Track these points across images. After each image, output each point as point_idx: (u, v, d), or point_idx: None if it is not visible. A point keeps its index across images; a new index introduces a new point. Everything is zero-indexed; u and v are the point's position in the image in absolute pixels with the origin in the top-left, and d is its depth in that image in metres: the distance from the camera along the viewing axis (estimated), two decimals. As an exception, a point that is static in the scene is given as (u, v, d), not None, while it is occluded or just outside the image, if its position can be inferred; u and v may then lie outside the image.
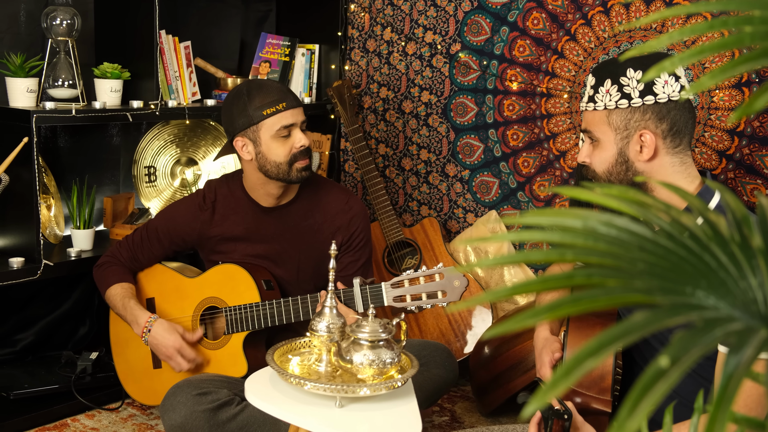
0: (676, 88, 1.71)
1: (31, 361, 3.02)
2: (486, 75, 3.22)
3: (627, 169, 1.74)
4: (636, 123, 1.71)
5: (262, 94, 2.31)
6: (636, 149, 1.72)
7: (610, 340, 0.63)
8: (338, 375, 1.84)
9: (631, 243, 0.74)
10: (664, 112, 1.70)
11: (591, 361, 0.62)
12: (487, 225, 3.28)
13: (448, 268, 2.14)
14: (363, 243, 2.50)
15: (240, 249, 2.46)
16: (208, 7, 3.45)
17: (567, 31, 3.01)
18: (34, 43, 2.91)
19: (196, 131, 3.38)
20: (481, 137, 3.28)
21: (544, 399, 0.60)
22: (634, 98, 1.70)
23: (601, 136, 1.76)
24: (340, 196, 2.50)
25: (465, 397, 3.07)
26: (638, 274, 0.71)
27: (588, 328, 1.80)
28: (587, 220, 0.75)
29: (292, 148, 2.32)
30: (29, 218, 2.60)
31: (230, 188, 2.51)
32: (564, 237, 0.74)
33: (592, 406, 1.72)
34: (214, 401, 2.13)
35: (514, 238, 0.75)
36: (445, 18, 3.30)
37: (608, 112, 1.73)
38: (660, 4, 2.78)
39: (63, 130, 3.09)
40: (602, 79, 1.75)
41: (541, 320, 0.65)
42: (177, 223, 2.52)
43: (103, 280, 2.53)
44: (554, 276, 0.69)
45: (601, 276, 0.70)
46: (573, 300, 0.66)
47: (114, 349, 2.66)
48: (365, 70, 3.54)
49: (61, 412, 2.72)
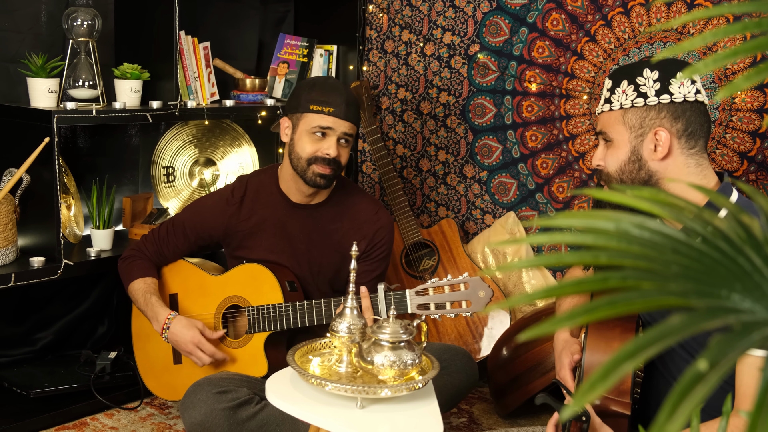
0: (692, 90, 1.71)
1: (50, 360, 3.03)
2: (505, 76, 3.21)
3: (640, 168, 1.74)
4: (651, 121, 1.72)
5: (322, 92, 2.32)
6: (650, 148, 1.72)
7: (648, 343, 0.63)
8: (359, 376, 1.84)
9: (664, 245, 0.74)
10: (679, 111, 1.70)
11: (628, 364, 0.62)
12: (506, 226, 3.27)
13: (474, 278, 2.14)
14: (383, 256, 2.50)
15: (264, 244, 2.46)
16: (226, 7, 3.46)
17: (587, 32, 3.00)
18: (55, 43, 2.93)
19: (214, 132, 3.39)
20: (500, 138, 3.27)
21: (581, 402, 0.60)
22: (650, 96, 1.71)
23: (615, 136, 1.76)
24: (370, 206, 2.51)
25: (483, 398, 3.06)
26: (673, 277, 0.70)
27: (608, 330, 1.79)
28: (620, 223, 0.75)
29: (318, 151, 2.32)
30: (50, 218, 2.62)
31: (262, 181, 2.52)
32: (597, 239, 0.74)
33: (611, 408, 1.71)
34: (234, 400, 2.14)
35: (547, 240, 0.75)
36: (463, 19, 3.29)
37: (624, 111, 1.74)
38: (681, 5, 2.77)
39: (82, 130, 3.10)
40: (618, 80, 1.76)
41: (577, 323, 0.65)
42: (204, 218, 2.53)
43: (127, 274, 2.54)
44: (589, 279, 0.69)
45: (635, 279, 0.70)
46: (609, 303, 0.65)
47: (135, 344, 2.67)
48: (383, 71, 3.54)
49: (80, 411, 2.73)
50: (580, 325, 0.65)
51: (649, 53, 2.85)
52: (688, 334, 0.64)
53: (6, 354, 2.95)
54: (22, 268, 2.57)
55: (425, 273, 3.30)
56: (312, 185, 2.38)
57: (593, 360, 1.75)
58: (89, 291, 3.18)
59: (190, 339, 2.37)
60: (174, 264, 2.58)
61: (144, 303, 2.46)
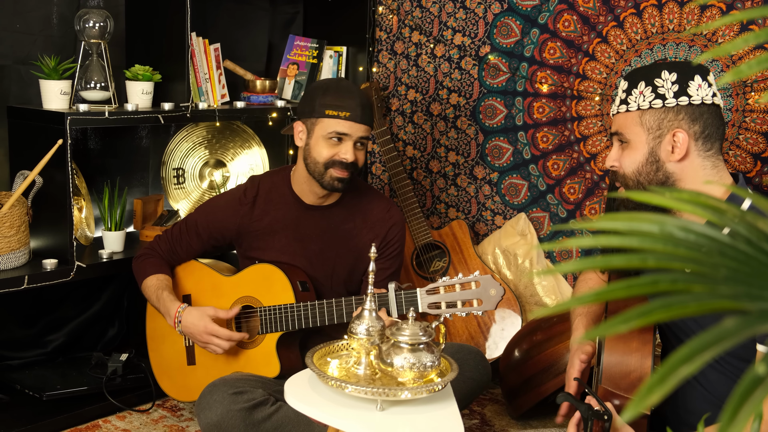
0: (709, 92, 1.71)
1: (61, 362, 3.03)
2: (516, 77, 3.21)
3: (657, 170, 1.75)
4: (669, 123, 1.72)
5: (336, 96, 2.32)
6: (668, 149, 1.73)
7: (704, 347, 0.62)
8: (377, 378, 1.83)
9: (711, 248, 0.73)
10: (697, 114, 1.71)
11: (685, 368, 0.61)
12: (516, 228, 3.26)
13: (485, 276, 2.13)
14: (396, 253, 2.50)
15: (278, 246, 2.46)
16: (235, 8, 3.45)
17: (598, 33, 3.00)
18: (67, 45, 2.93)
19: (224, 133, 3.38)
20: (510, 139, 3.26)
21: (638, 408, 0.60)
22: (668, 98, 1.71)
23: (632, 137, 1.76)
24: (382, 204, 2.51)
25: (494, 400, 3.05)
26: (722, 280, 0.70)
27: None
28: (664, 225, 0.75)
29: (335, 155, 2.31)
30: (62, 220, 2.61)
31: (274, 183, 2.52)
32: (643, 242, 0.73)
33: None
34: (250, 400, 2.14)
35: (592, 243, 0.74)
36: (474, 20, 3.29)
37: (641, 112, 1.74)
38: (694, 7, 2.76)
39: (93, 132, 3.10)
40: (636, 82, 1.76)
41: (632, 326, 0.65)
42: (217, 217, 2.53)
43: (140, 272, 2.55)
44: (639, 281, 0.69)
45: (685, 282, 0.69)
46: (664, 306, 0.65)
47: (150, 345, 2.67)
48: (393, 72, 3.53)
49: (92, 413, 2.72)
50: (635, 327, 0.65)
51: (662, 54, 2.85)
52: (743, 337, 0.63)
53: (18, 356, 2.95)
54: (34, 270, 2.57)
55: (436, 274, 3.29)
56: (330, 189, 2.38)
57: (611, 360, 1.75)
58: (100, 293, 3.17)
59: (203, 329, 2.35)
60: (187, 265, 2.58)
61: (156, 299, 2.46)
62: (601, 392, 1.72)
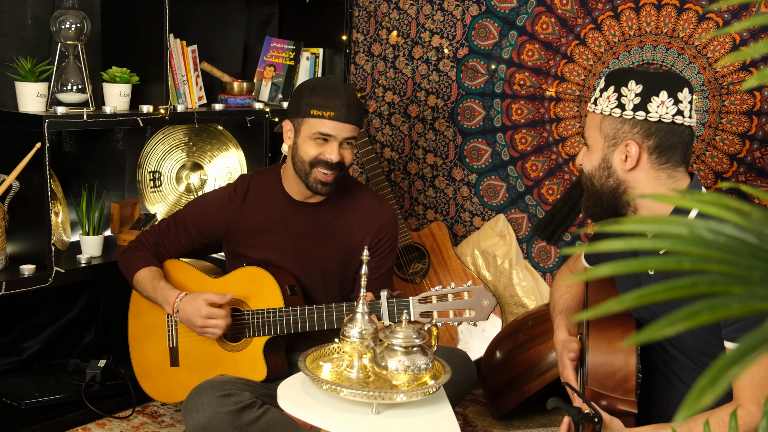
0: (672, 111, 1.72)
1: (37, 369, 2.98)
2: (494, 79, 3.23)
3: (608, 176, 1.80)
4: (623, 134, 1.77)
5: (323, 95, 2.30)
6: (621, 158, 1.78)
7: (751, 349, 0.63)
8: (371, 381, 1.83)
9: (742, 250, 0.74)
10: (652, 130, 1.74)
11: (735, 369, 0.62)
12: (495, 229, 3.28)
13: (478, 286, 2.14)
14: (389, 250, 2.49)
15: (267, 243, 2.44)
16: (211, 10, 3.42)
17: (576, 35, 3.02)
18: (42, 47, 2.88)
19: (201, 135, 3.35)
20: (489, 141, 3.28)
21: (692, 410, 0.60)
22: (626, 110, 1.75)
23: (591, 142, 1.83)
24: (373, 200, 2.51)
25: (476, 401, 3.06)
26: (758, 281, 0.71)
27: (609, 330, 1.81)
28: (694, 228, 0.75)
29: (321, 154, 2.30)
30: (40, 225, 2.57)
31: (265, 181, 2.50)
32: (675, 244, 0.74)
33: (618, 407, 1.73)
34: (238, 403, 2.12)
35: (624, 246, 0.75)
36: (452, 22, 3.30)
37: (602, 117, 1.79)
38: (671, 9, 2.80)
39: (68, 135, 3.05)
40: (609, 84, 1.80)
41: (679, 328, 0.65)
42: (206, 214, 2.50)
43: (130, 265, 2.51)
44: (677, 284, 0.69)
45: (723, 284, 0.70)
46: (709, 307, 0.65)
47: (131, 345, 2.62)
48: (370, 74, 3.53)
49: (72, 421, 2.68)
50: (682, 330, 0.66)
51: (639, 57, 2.88)
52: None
53: (-7, 364, 2.89)
54: (12, 276, 2.51)
55: (416, 276, 3.30)
56: (314, 192, 2.37)
57: (596, 360, 1.76)
58: (76, 298, 3.13)
59: (197, 313, 2.31)
60: (173, 266, 2.54)
61: (153, 289, 2.43)
62: (588, 394, 1.73)
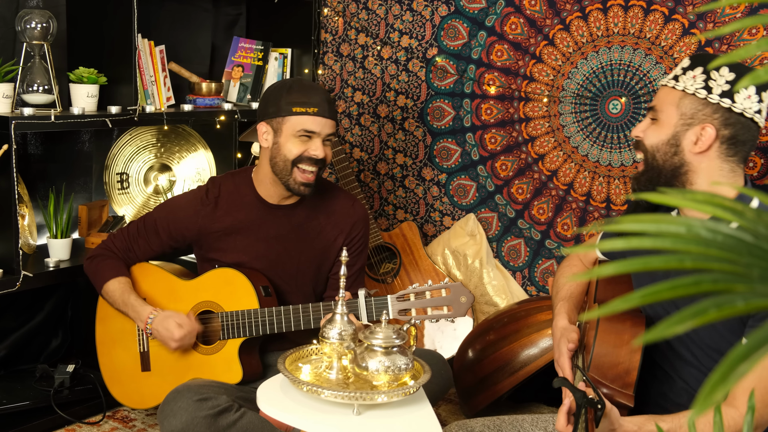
0: (755, 107, 1.72)
1: (4, 375, 2.92)
2: (463, 79, 3.24)
3: (675, 153, 1.76)
4: (703, 117, 1.73)
5: (302, 93, 2.29)
6: (692, 139, 1.74)
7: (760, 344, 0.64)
8: (351, 382, 1.83)
9: (740, 249, 0.75)
10: (731, 120, 1.72)
11: (745, 366, 0.63)
12: (465, 228, 3.29)
13: (456, 283, 2.15)
14: (361, 249, 2.49)
15: (240, 246, 2.42)
16: (177, 9, 3.39)
17: (545, 36, 3.05)
18: (6, 47, 2.82)
19: (170, 137, 3.32)
20: (459, 141, 3.29)
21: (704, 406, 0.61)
22: (713, 94, 1.71)
23: (663, 118, 1.77)
24: (345, 200, 2.50)
25: (448, 399, 3.08)
26: (758, 279, 0.72)
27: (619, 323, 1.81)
28: (692, 227, 0.76)
29: (305, 151, 2.29)
30: (7, 228, 2.52)
31: (236, 184, 2.47)
32: (676, 243, 0.75)
33: (615, 399, 1.74)
34: (215, 407, 2.10)
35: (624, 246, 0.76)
36: (421, 22, 3.31)
37: (683, 94, 1.74)
38: (638, 11, 2.84)
39: (33, 137, 3.00)
40: (695, 64, 1.75)
41: (687, 326, 0.66)
42: (178, 217, 2.46)
43: (98, 274, 2.46)
44: (682, 282, 0.70)
45: (726, 282, 0.71)
46: (716, 304, 0.66)
47: (100, 350, 2.57)
48: (339, 74, 3.52)
49: (41, 427, 2.64)
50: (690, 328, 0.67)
51: (607, 57, 2.91)
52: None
53: (-42, 371, 2.83)
54: (-22, 281, 2.47)
55: (387, 276, 3.30)
56: (296, 194, 2.35)
57: (602, 350, 1.76)
58: (43, 303, 3.07)
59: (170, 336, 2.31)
60: (142, 269, 2.50)
61: (123, 304, 2.39)
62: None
